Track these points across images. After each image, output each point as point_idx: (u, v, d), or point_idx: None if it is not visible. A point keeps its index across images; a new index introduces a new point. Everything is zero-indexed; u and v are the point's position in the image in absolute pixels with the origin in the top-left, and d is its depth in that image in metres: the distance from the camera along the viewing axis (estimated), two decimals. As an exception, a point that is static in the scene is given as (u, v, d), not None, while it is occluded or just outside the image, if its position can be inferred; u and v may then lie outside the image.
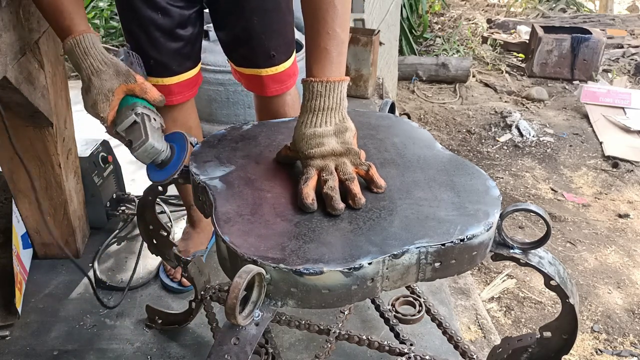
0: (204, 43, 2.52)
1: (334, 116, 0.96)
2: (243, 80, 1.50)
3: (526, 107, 3.97)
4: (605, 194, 2.83)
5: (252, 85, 1.50)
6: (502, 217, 0.91)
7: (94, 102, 1.05)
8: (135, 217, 1.78)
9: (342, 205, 0.88)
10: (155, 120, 1.07)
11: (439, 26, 5.62)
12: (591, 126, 3.63)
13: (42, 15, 1.15)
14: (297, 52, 2.62)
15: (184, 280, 1.61)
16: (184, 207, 1.95)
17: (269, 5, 1.35)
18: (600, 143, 3.39)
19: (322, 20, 0.98)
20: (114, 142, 1.98)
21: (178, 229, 1.89)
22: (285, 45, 1.43)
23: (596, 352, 1.80)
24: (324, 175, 0.92)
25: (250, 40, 1.38)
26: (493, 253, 0.94)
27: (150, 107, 1.09)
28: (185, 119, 1.51)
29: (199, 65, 1.48)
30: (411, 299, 1.37)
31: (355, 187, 0.91)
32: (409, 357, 1.18)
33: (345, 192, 0.90)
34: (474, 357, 1.21)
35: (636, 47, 4.93)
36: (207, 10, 1.43)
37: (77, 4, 1.10)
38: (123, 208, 1.89)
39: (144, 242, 1.36)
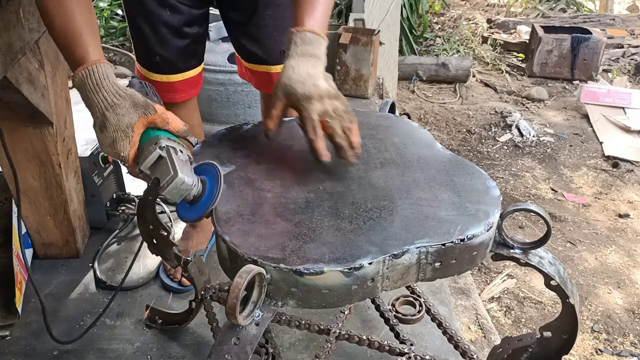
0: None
1: (321, 65, 1.00)
2: (253, 78, 1.50)
3: (526, 107, 3.97)
4: (606, 193, 2.83)
5: (261, 83, 1.49)
6: (502, 217, 0.91)
7: (112, 140, 0.93)
8: (135, 217, 1.78)
9: (355, 158, 0.94)
10: (182, 152, 0.94)
11: (439, 26, 5.62)
12: (591, 126, 3.63)
13: (56, 44, 1.03)
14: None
15: (184, 280, 1.61)
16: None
17: (282, 1, 1.35)
18: (601, 143, 3.39)
19: None
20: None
21: (178, 229, 1.89)
22: None
23: (596, 352, 1.80)
24: (328, 120, 0.94)
25: (262, 36, 1.38)
26: (493, 253, 0.94)
27: (174, 139, 0.97)
28: (188, 118, 1.51)
29: (202, 65, 1.48)
30: (411, 298, 1.37)
31: (355, 138, 0.95)
32: (409, 357, 1.18)
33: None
34: (474, 357, 1.21)
35: (636, 47, 4.93)
36: (212, 11, 1.43)
37: (92, 31, 1.00)
38: (123, 208, 1.89)
39: (143, 242, 1.36)
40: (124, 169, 1.98)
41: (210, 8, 1.43)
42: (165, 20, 1.31)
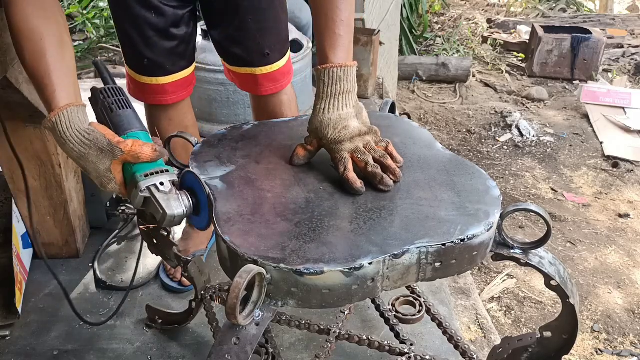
0: (204, 43, 2.54)
1: (351, 98, 0.99)
2: (237, 80, 1.50)
3: (526, 107, 3.97)
4: (606, 193, 2.83)
5: (246, 85, 1.49)
6: (502, 217, 0.91)
7: (101, 184, 0.94)
8: (135, 217, 1.78)
9: (391, 181, 0.94)
10: (162, 184, 0.94)
11: (439, 26, 5.62)
12: (591, 126, 3.63)
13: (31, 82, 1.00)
14: (296, 52, 2.62)
15: (184, 280, 1.61)
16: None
17: (263, 4, 1.35)
18: (601, 143, 3.39)
19: (335, 9, 1.00)
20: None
21: (178, 229, 1.89)
22: (280, 44, 1.44)
23: (596, 352, 1.80)
24: (359, 156, 0.95)
25: (245, 39, 1.38)
26: (493, 253, 0.94)
27: (154, 167, 0.95)
28: (181, 119, 1.51)
29: (194, 65, 1.48)
30: (411, 298, 1.37)
31: (390, 162, 0.96)
32: (409, 357, 1.18)
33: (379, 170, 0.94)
34: (474, 357, 1.21)
35: (636, 47, 4.93)
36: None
37: (62, 69, 0.96)
38: (123, 208, 1.89)
39: (144, 242, 1.36)
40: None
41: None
42: (151, 23, 1.30)
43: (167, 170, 0.96)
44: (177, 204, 0.92)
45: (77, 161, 0.94)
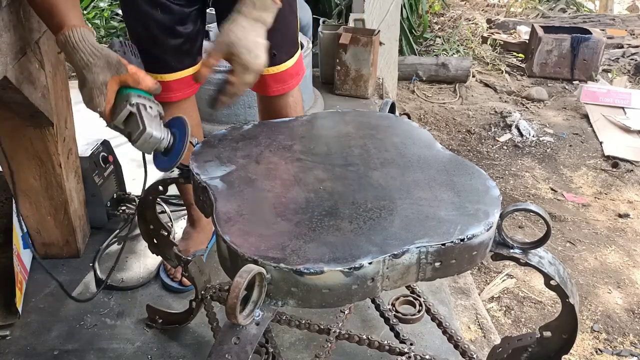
0: (205, 43, 2.53)
1: (265, 33, 1.08)
2: None
3: (526, 107, 3.97)
4: (605, 193, 2.84)
5: (254, 85, 1.50)
6: (502, 217, 0.91)
7: (90, 97, 1.02)
8: (136, 217, 1.78)
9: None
10: (151, 108, 1.04)
11: (439, 26, 5.62)
12: (591, 126, 3.63)
13: (36, 14, 1.12)
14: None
15: (184, 279, 1.61)
16: (185, 207, 1.95)
17: None
18: (600, 143, 3.39)
19: None
20: (114, 142, 1.98)
21: (178, 229, 1.90)
22: (287, 45, 1.44)
23: (596, 351, 1.80)
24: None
25: None
26: (493, 253, 0.94)
27: (147, 96, 1.06)
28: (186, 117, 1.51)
29: (200, 64, 1.48)
30: (411, 298, 1.37)
31: None
32: (409, 357, 1.18)
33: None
34: (474, 356, 1.21)
35: (636, 47, 4.93)
36: (211, 10, 1.44)
37: (70, 1, 1.07)
38: (123, 208, 1.89)
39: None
40: (124, 168, 1.98)
41: (211, 8, 1.43)
42: (157, 20, 1.31)
43: (157, 104, 1.06)
44: (157, 128, 1.01)
45: (80, 70, 1.01)
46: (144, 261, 1.75)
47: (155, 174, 1.15)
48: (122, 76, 1.02)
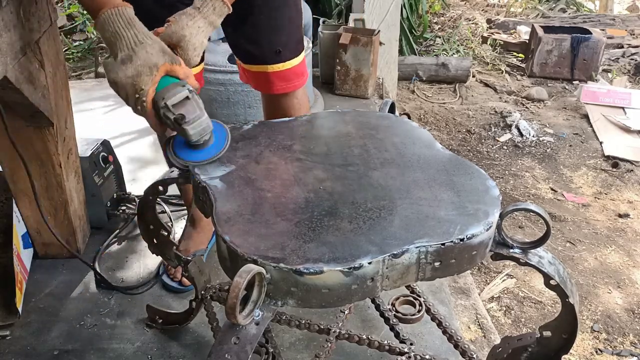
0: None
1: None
2: (251, 79, 1.51)
3: (526, 107, 3.97)
4: (605, 193, 2.84)
5: (259, 84, 1.50)
6: (501, 216, 0.91)
7: (136, 72, 0.97)
8: (136, 217, 1.78)
9: None
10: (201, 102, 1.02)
11: (439, 26, 5.62)
12: (591, 126, 3.63)
13: None
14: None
15: (184, 279, 1.61)
16: (184, 207, 1.95)
17: (277, 3, 1.38)
18: (600, 143, 3.39)
19: None
20: (114, 142, 1.98)
21: (179, 229, 1.90)
22: (292, 43, 1.45)
23: (596, 351, 1.80)
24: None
25: (258, 37, 1.40)
26: (493, 252, 0.94)
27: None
28: None
29: (202, 65, 1.49)
30: (411, 298, 1.37)
31: None
32: (409, 357, 1.18)
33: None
34: (474, 356, 1.21)
35: (636, 47, 4.93)
36: None
37: None
38: (123, 208, 1.89)
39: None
40: (124, 168, 1.98)
41: None
42: (163, 19, 1.31)
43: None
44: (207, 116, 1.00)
45: (131, 45, 0.98)
46: (144, 261, 1.75)
47: (155, 175, 1.15)
48: (175, 66, 1.01)
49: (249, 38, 1.42)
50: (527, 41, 4.81)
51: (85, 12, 3.91)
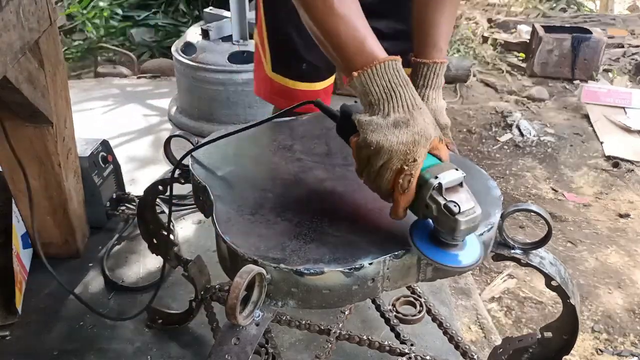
0: (204, 43, 2.54)
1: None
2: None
3: (527, 107, 3.97)
4: (606, 193, 2.83)
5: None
6: (503, 217, 0.91)
7: (413, 140, 0.80)
8: (136, 217, 1.78)
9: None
10: None
11: (440, 26, 5.61)
12: (592, 126, 3.62)
13: (325, 39, 0.88)
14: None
15: None
16: (185, 207, 1.95)
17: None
18: (601, 143, 3.38)
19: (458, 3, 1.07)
20: (114, 142, 1.98)
21: (179, 229, 1.90)
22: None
23: (597, 352, 1.80)
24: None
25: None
26: (494, 253, 0.94)
27: None
28: None
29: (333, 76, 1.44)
30: (412, 299, 1.37)
31: None
32: (410, 357, 1.18)
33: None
34: (475, 357, 1.21)
35: (637, 46, 4.93)
36: (210, 10, 1.43)
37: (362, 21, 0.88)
38: (123, 208, 1.89)
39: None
40: (123, 168, 1.97)
41: (210, 7, 1.42)
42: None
43: None
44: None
45: (409, 108, 0.82)
46: (144, 261, 1.75)
47: (155, 175, 1.14)
48: (441, 144, 0.85)
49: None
50: (527, 41, 4.80)
51: (85, 12, 3.91)
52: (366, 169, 0.83)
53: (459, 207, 0.75)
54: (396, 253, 0.80)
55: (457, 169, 0.79)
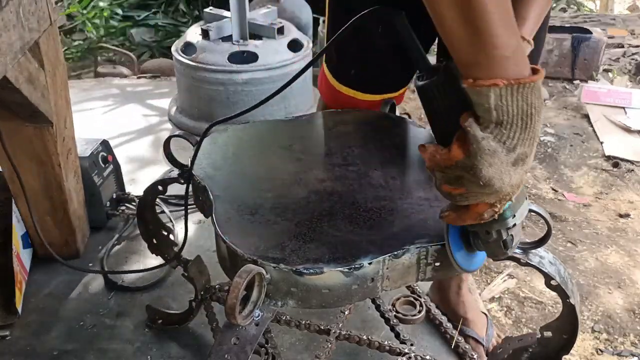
0: (204, 43, 2.54)
1: None
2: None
3: (527, 107, 3.97)
4: (606, 193, 2.83)
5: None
6: (502, 216, 0.90)
7: (520, 182, 0.69)
8: (136, 218, 1.78)
9: None
10: None
11: (440, 26, 5.61)
12: (592, 126, 3.62)
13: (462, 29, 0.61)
14: (296, 51, 2.62)
15: None
16: (184, 207, 1.94)
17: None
18: (601, 143, 3.38)
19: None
20: (114, 142, 1.98)
21: (179, 229, 1.90)
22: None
23: (597, 351, 1.80)
24: None
25: None
26: (494, 253, 0.94)
27: None
28: None
29: (404, 89, 1.31)
30: (412, 298, 1.37)
31: None
32: (410, 357, 1.18)
33: None
34: (474, 357, 1.21)
35: (637, 46, 4.93)
36: (211, 10, 1.42)
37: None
38: (123, 208, 1.89)
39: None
40: (123, 168, 1.97)
41: (210, 7, 1.42)
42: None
43: None
44: None
45: (530, 142, 0.65)
46: (144, 261, 1.75)
47: (155, 175, 1.14)
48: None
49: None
50: (527, 41, 4.81)
51: (85, 12, 3.91)
52: (448, 182, 0.70)
53: (514, 241, 0.76)
54: (395, 253, 0.80)
55: (526, 198, 0.75)
